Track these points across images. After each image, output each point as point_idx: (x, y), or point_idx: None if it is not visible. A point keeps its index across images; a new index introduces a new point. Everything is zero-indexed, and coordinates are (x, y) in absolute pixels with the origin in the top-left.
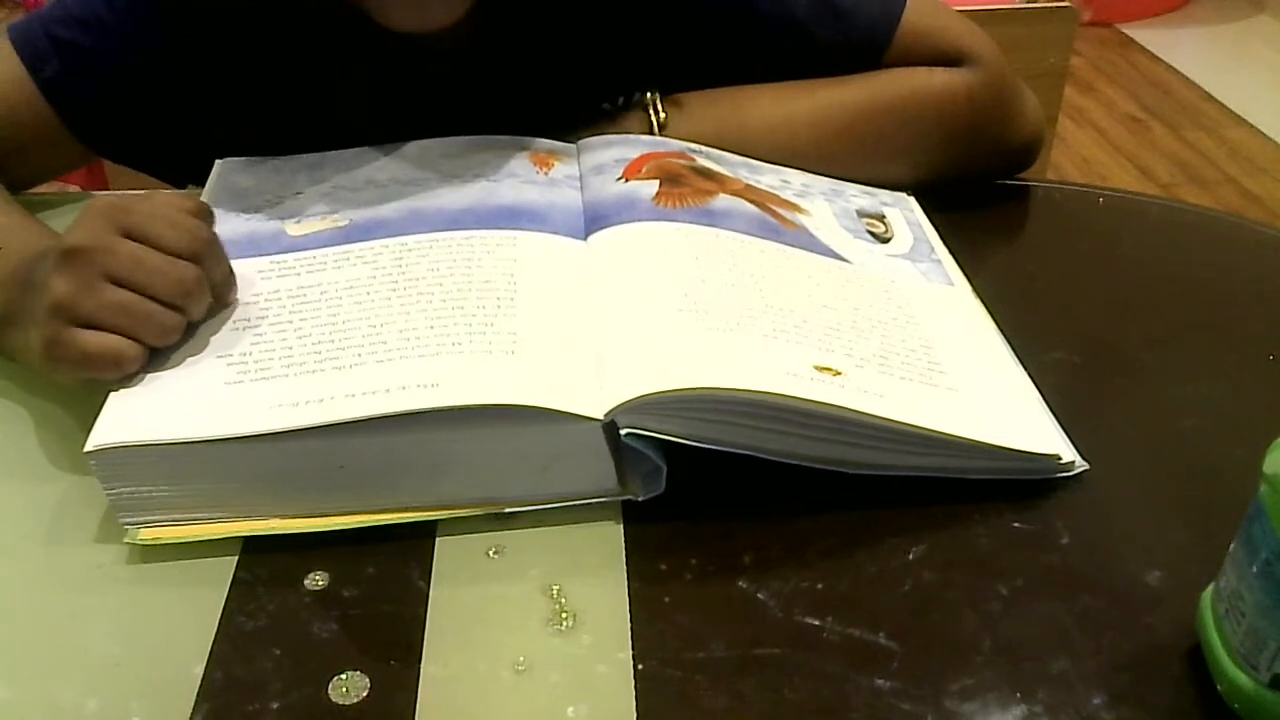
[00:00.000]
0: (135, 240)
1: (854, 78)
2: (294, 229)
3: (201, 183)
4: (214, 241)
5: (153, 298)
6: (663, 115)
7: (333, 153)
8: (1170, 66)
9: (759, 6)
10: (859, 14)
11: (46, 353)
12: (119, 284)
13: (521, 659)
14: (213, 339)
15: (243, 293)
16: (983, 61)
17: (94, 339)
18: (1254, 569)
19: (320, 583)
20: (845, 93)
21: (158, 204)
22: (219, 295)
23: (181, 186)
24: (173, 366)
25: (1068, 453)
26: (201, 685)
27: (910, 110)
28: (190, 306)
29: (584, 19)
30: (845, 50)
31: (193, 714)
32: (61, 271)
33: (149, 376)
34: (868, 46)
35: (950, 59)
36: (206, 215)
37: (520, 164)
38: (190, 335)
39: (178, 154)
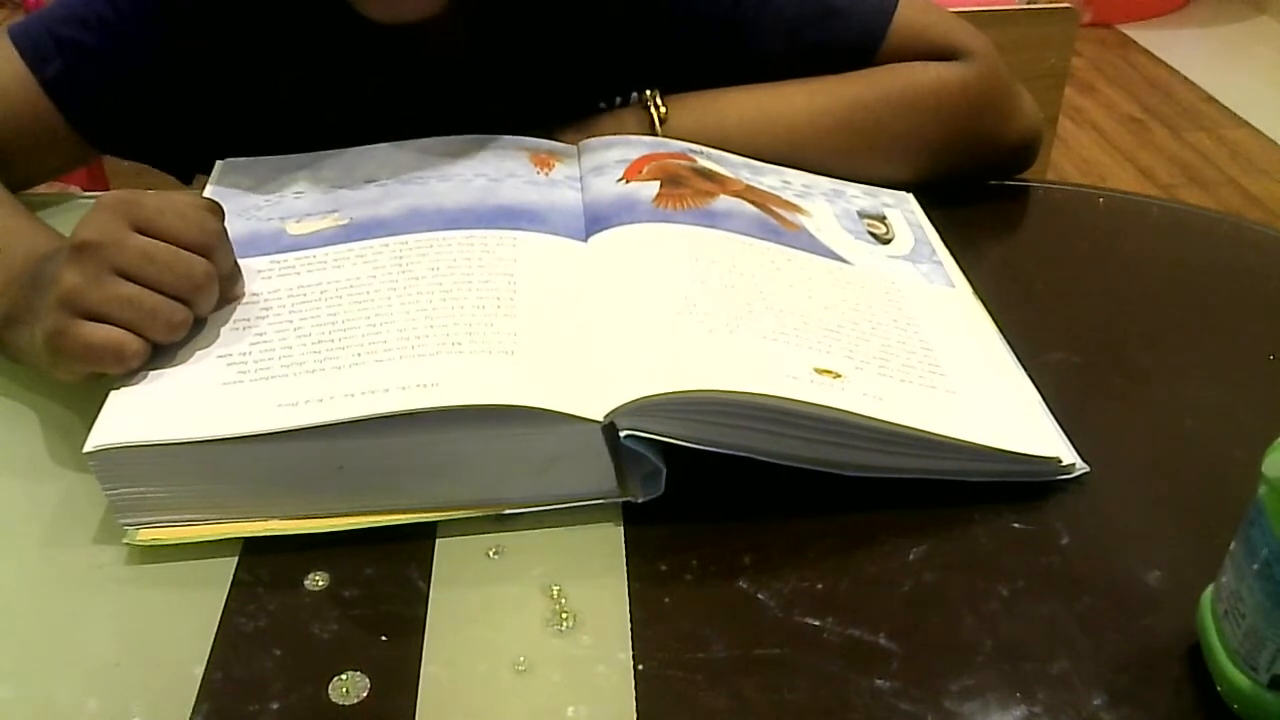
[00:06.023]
0: (146, 234)
1: (851, 73)
2: (294, 228)
3: (206, 173)
4: (223, 235)
5: (161, 292)
6: (662, 110)
7: (333, 151)
8: (1170, 67)
9: (751, 8)
10: (852, 14)
11: (49, 344)
12: (128, 278)
13: (521, 659)
14: (213, 339)
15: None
16: (976, 56)
17: (98, 331)
18: (1254, 569)
19: (320, 583)
20: (842, 86)
21: (168, 199)
22: (226, 288)
23: (187, 179)
24: (173, 366)
25: (1068, 455)
26: (201, 685)
27: (906, 101)
28: (198, 301)
29: (579, 20)
30: (839, 50)
31: (193, 714)
32: (71, 265)
33: (149, 376)
34: (861, 45)
35: (944, 55)
36: (216, 210)
37: (521, 164)
38: (191, 334)
39: (183, 148)
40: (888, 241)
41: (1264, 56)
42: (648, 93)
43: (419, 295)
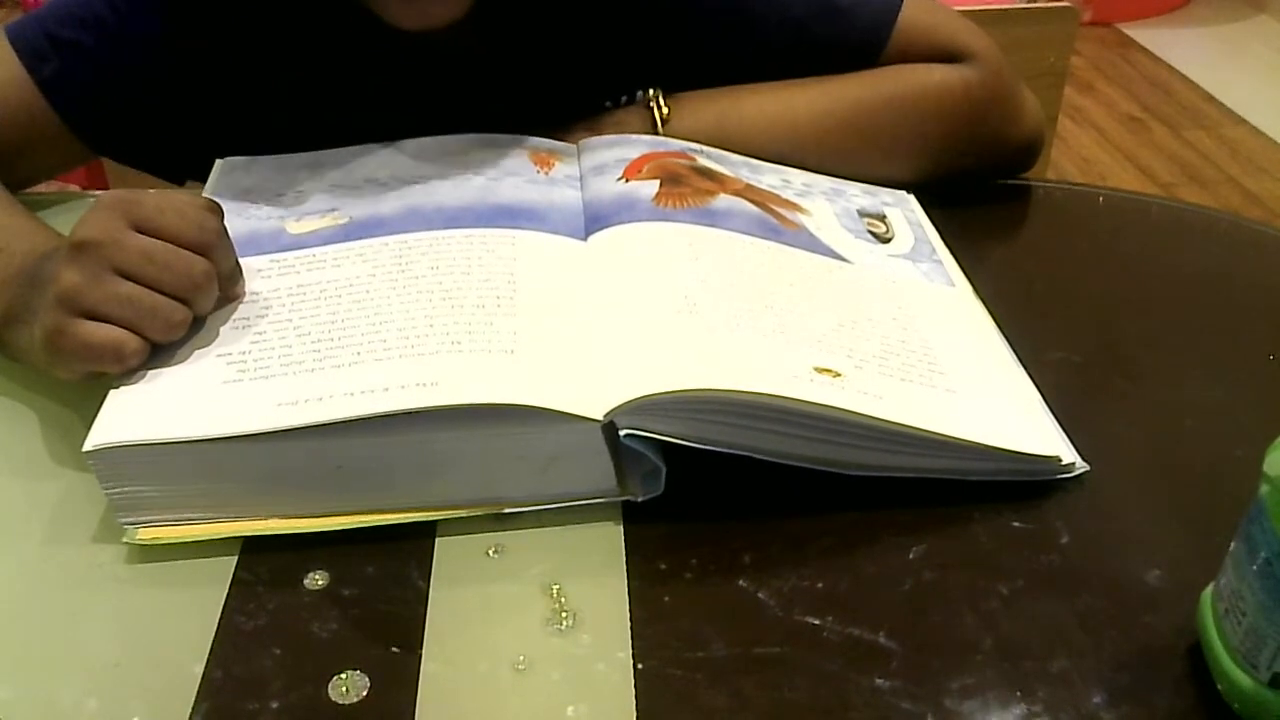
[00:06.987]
0: (145, 233)
1: (853, 74)
2: (294, 227)
3: (202, 179)
4: (222, 234)
5: (160, 291)
6: (665, 110)
7: (333, 151)
8: (1170, 66)
9: (757, 6)
10: (857, 12)
11: (48, 342)
12: (127, 277)
13: (521, 658)
14: (212, 338)
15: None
16: (980, 58)
17: (97, 330)
18: (1254, 569)
19: (320, 583)
20: (845, 87)
21: (167, 197)
22: (226, 288)
23: (180, 183)
24: (172, 365)
25: (1068, 454)
26: (201, 685)
27: (909, 104)
28: (197, 300)
29: (583, 19)
30: (843, 49)
31: (192, 714)
32: (70, 263)
33: (148, 375)
34: (865, 45)
35: (948, 56)
36: (216, 209)
37: (520, 163)
38: (191, 333)
39: (178, 150)
40: (888, 240)
41: (1264, 56)
42: (650, 92)
43: (419, 294)
